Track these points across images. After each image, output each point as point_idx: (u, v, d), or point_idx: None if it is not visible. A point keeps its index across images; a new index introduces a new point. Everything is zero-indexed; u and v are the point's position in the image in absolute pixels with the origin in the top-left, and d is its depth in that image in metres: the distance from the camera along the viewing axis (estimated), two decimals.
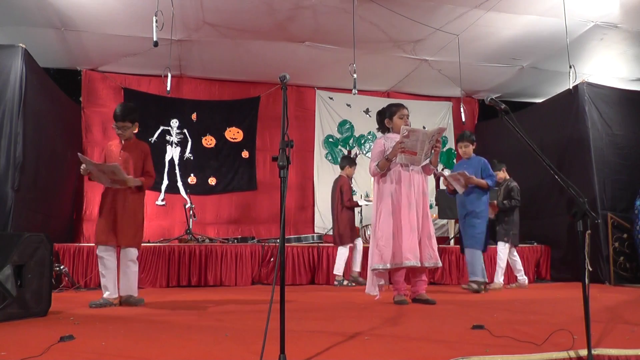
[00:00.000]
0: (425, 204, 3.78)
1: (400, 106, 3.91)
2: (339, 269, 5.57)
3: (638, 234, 5.58)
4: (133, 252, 3.74)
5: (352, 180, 7.84)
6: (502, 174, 5.69)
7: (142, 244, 5.57)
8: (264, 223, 7.37)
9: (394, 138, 3.80)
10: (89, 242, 6.33)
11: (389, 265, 3.67)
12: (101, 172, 3.65)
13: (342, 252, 5.60)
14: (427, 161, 3.78)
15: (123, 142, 3.88)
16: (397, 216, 3.69)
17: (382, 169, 3.77)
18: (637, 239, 5.57)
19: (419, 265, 3.64)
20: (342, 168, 5.93)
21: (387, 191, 3.77)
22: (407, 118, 3.86)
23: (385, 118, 3.94)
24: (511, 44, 6.37)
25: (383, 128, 4.01)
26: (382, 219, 3.75)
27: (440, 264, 3.79)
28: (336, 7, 5.45)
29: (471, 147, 4.97)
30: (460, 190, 4.73)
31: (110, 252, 3.68)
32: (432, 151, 3.73)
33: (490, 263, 5.73)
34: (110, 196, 3.73)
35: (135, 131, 3.95)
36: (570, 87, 6.12)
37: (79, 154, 3.75)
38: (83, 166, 3.66)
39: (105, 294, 3.62)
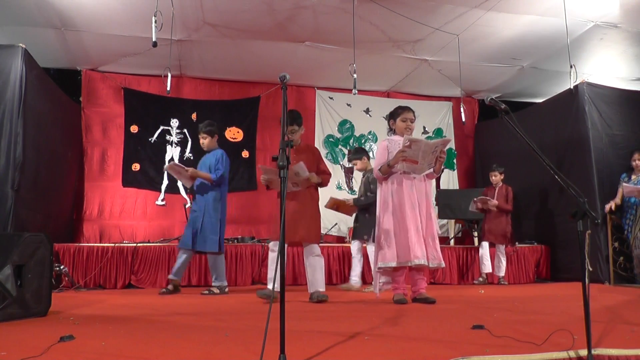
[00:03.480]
0: (428, 205, 3.79)
1: (405, 109, 3.90)
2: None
3: (627, 232, 5.61)
4: (317, 248, 3.92)
5: (352, 179, 7.89)
6: (362, 164, 5.31)
7: (142, 244, 5.65)
8: (264, 223, 7.35)
9: (396, 140, 3.83)
10: (89, 242, 6.35)
11: (393, 264, 3.68)
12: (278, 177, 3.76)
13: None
14: (430, 170, 3.78)
15: (294, 146, 4.01)
16: (399, 216, 3.71)
17: (384, 174, 3.80)
18: (628, 236, 5.59)
19: (427, 264, 3.65)
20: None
21: (389, 192, 3.79)
22: (411, 122, 3.86)
23: (391, 119, 3.95)
24: (511, 44, 6.37)
25: (390, 129, 4.03)
26: (384, 219, 3.77)
27: (443, 265, 3.80)
28: (336, 7, 5.45)
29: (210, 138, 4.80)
30: (187, 183, 4.78)
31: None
32: (437, 161, 3.71)
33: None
34: (289, 198, 3.86)
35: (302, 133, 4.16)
36: (571, 87, 6.12)
37: (260, 166, 3.94)
38: (263, 176, 3.88)
39: (270, 286, 3.90)
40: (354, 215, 5.43)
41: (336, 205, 5.37)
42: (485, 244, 5.95)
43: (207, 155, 4.89)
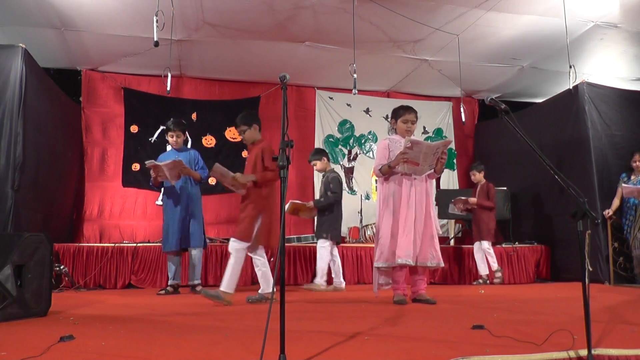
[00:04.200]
0: (428, 203, 3.78)
1: (407, 110, 3.87)
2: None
3: (627, 233, 5.61)
4: (233, 243, 3.81)
5: (353, 179, 7.89)
6: (322, 165, 5.24)
7: (142, 244, 5.64)
8: None
9: (397, 140, 3.83)
10: (89, 242, 6.34)
11: (386, 264, 3.70)
12: (225, 180, 3.79)
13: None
14: (431, 170, 3.78)
15: (248, 146, 4.04)
16: (396, 216, 3.71)
17: (385, 174, 3.79)
18: (628, 237, 5.59)
19: (412, 264, 3.65)
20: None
21: (389, 191, 3.79)
22: (412, 124, 3.85)
23: (392, 118, 3.95)
24: (511, 44, 6.37)
25: (392, 127, 4.02)
26: (384, 218, 3.78)
27: (442, 264, 3.79)
28: (336, 7, 5.45)
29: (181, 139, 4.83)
30: (173, 181, 4.54)
31: (259, 252, 3.91)
32: (438, 162, 3.70)
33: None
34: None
35: (254, 134, 4.01)
36: (570, 87, 6.12)
37: (210, 173, 3.89)
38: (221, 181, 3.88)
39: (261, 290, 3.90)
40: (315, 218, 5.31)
41: (296, 209, 5.28)
42: (477, 245, 5.95)
43: (179, 154, 4.78)
